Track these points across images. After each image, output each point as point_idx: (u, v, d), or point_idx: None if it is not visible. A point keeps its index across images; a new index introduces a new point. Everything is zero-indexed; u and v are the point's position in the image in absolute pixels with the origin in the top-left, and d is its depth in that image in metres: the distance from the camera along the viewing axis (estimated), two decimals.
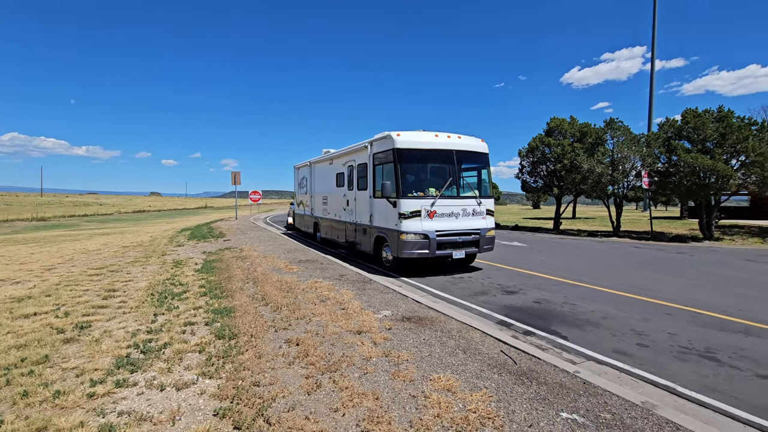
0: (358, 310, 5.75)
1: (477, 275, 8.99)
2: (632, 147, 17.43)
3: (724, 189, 16.66)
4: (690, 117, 16.73)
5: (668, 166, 17.16)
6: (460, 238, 8.56)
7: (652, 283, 8.35)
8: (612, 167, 17.93)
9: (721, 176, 15.44)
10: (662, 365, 4.19)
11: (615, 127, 18.45)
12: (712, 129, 15.97)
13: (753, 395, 3.57)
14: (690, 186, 16.25)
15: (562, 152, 19.71)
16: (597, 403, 3.24)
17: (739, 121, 15.92)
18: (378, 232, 9.24)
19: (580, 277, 8.85)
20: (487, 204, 9.08)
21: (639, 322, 5.63)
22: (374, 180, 9.36)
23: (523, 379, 3.68)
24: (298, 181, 17.32)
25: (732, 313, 6.07)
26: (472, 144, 9.14)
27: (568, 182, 19.71)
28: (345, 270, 9.04)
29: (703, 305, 6.52)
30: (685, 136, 16.95)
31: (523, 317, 5.87)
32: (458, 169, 8.83)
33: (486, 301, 6.81)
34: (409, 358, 4.10)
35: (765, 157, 15.03)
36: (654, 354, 4.50)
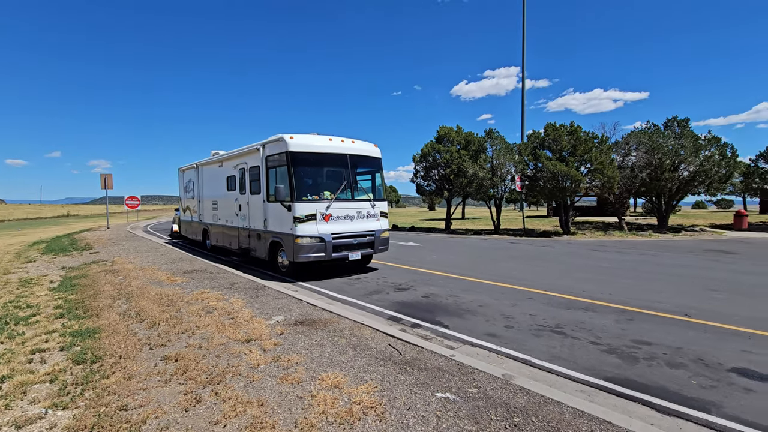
0: (249, 318, 5.54)
1: (373, 275, 9.30)
2: (507, 155, 19.78)
3: (577, 191, 19.87)
4: (550, 130, 19.62)
5: (535, 172, 19.84)
6: (355, 240, 8.78)
7: (521, 273, 9.58)
8: (492, 172, 20.09)
9: (574, 180, 18.39)
10: (522, 342, 4.87)
11: (493, 137, 20.74)
12: (566, 141, 18.94)
13: (586, 359, 4.36)
14: (552, 189, 19.01)
15: (450, 158, 21.44)
16: (467, 381, 3.64)
17: (585, 135, 19.17)
18: (273, 237, 8.99)
19: (464, 271, 9.75)
20: (381, 206, 9.46)
21: (508, 308, 6.43)
22: (268, 183, 9.09)
23: (406, 368, 3.95)
24: (184, 185, 15.91)
25: (577, 294, 7.29)
26: (365, 149, 9.45)
27: (457, 186, 21.52)
28: (237, 278, 8.59)
29: (557, 289, 7.71)
30: (547, 146, 19.80)
31: (412, 311, 6.26)
32: (352, 172, 9.05)
33: (380, 299, 7.10)
34: (299, 361, 4.10)
35: (604, 165, 18.35)
36: (517, 333, 5.20)
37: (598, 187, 19.90)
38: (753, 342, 4.80)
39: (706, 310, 6.20)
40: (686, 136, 20.80)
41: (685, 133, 21.08)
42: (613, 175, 18.59)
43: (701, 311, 6.12)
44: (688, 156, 20.16)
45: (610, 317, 5.85)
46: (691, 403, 3.39)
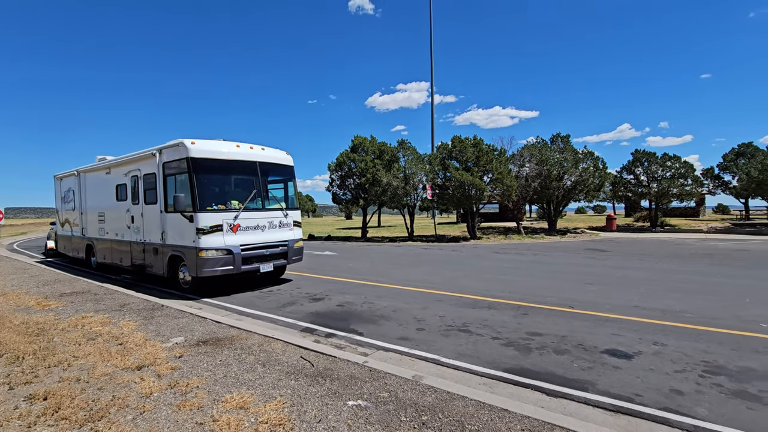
0: (141, 343, 4.95)
1: (286, 287, 8.99)
2: (419, 165, 20.71)
3: (481, 199, 21.52)
4: (456, 142, 21.03)
5: (445, 181, 21.06)
6: (267, 251, 8.41)
7: (432, 276, 10.03)
8: (405, 181, 20.86)
9: (479, 189, 19.89)
10: (432, 343, 5.07)
11: (406, 147, 21.59)
12: (471, 152, 20.45)
13: (488, 353, 4.69)
14: (460, 197, 20.33)
15: (365, 167, 21.79)
16: (378, 386, 3.67)
17: (487, 147, 20.92)
18: (173, 251, 8.20)
19: (380, 278, 9.91)
20: (294, 216, 9.22)
21: (420, 311, 6.67)
22: (166, 192, 8.30)
23: (318, 379, 3.85)
24: (62, 195, 13.81)
25: (482, 294, 7.85)
26: (276, 156, 9.15)
27: (372, 194, 21.91)
28: (128, 298, 7.66)
29: (464, 290, 8.21)
30: (454, 157, 21.17)
31: (327, 321, 6.16)
32: (263, 181, 8.69)
33: (293, 311, 6.87)
34: (200, 384, 3.76)
35: (504, 174, 20.17)
36: (428, 335, 5.41)
37: (499, 194, 21.81)
38: (620, 326, 5.61)
39: (585, 301, 7.10)
40: (568, 151, 23.85)
41: (567, 147, 24.16)
42: (511, 184, 20.52)
43: (581, 303, 6.99)
44: (570, 168, 23.11)
45: (509, 313, 6.39)
46: (573, 384, 3.83)
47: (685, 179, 25.33)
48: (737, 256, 13.29)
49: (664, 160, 25.64)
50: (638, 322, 5.78)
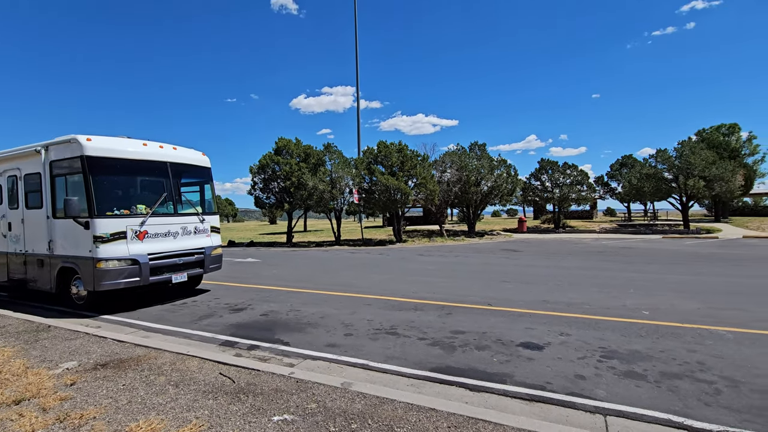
0: (20, 372, 4.21)
1: (203, 297, 8.33)
2: (345, 168, 20.67)
3: (406, 203, 22.11)
4: (382, 147, 21.39)
5: (371, 185, 21.27)
6: (180, 259, 7.72)
7: (360, 281, 10.03)
8: (332, 185, 20.66)
9: (404, 193, 20.41)
10: (361, 348, 5.04)
11: (332, 151, 21.42)
12: (396, 157, 20.93)
13: (415, 354, 4.78)
14: (386, 201, 20.67)
15: (290, 170, 21.17)
16: (305, 397, 3.53)
17: (411, 153, 21.58)
18: (63, 263, 7.15)
19: (306, 284, 9.64)
20: (212, 221, 8.60)
21: (348, 316, 6.60)
22: (54, 195, 7.22)
23: (240, 396, 3.59)
24: None
25: (408, 296, 8.02)
26: (190, 157, 8.46)
27: (297, 198, 21.35)
28: (3, 320, 6.50)
29: (391, 293, 8.33)
30: (380, 161, 21.50)
31: (249, 333, 5.81)
32: (175, 183, 7.98)
33: (211, 323, 6.37)
34: (98, 414, 3.29)
35: (427, 179, 20.95)
36: (356, 340, 5.36)
37: (423, 199, 22.62)
38: (532, 320, 6.10)
39: (502, 298, 7.61)
40: (485, 158, 25.54)
41: (484, 155, 25.87)
42: (434, 189, 21.39)
43: (499, 300, 7.48)
44: (486, 174, 24.77)
45: (434, 314, 6.60)
46: (493, 377, 4.05)
47: (581, 186, 28.59)
48: (623, 252, 15.29)
49: (565, 169, 28.70)
50: (547, 315, 6.34)
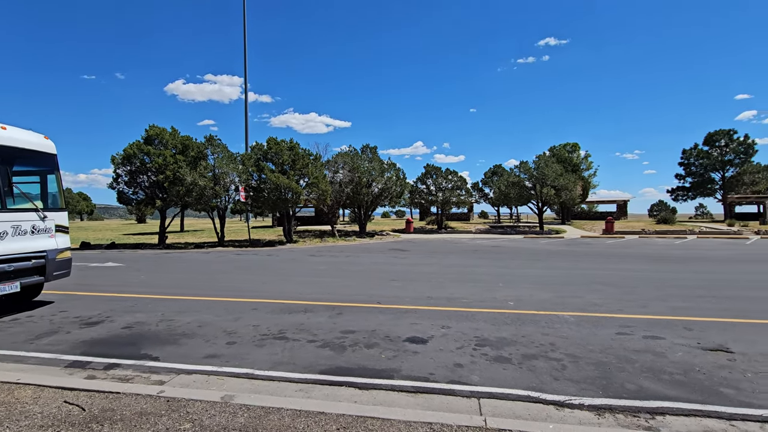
0: None
1: (44, 311, 6.88)
2: (230, 164, 19.26)
3: (297, 202, 21.57)
4: (272, 144, 20.50)
5: (260, 183, 20.22)
6: (10, 265, 6.24)
7: (245, 284, 9.41)
8: (215, 181, 19.04)
9: (295, 192, 19.85)
10: (245, 356, 4.70)
11: (215, 144, 19.75)
12: (287, 155, 20.26)
13: (305, 358, 4.64)
14: (275, 199, 19.85)
15: (164, 163, 18.88)
16: (178, 417, 3.14)
17: (304, 151, 21.14)
18: None
19: (182, 290, 8.67)
20: (58, 218, 7.16)
21: (231, 323, 6.11)
22: None
23: (91, 426, 3.02)
24: None
25: (298, 297, 7.79)
26: (26, 139, 6.92)
27: (173, 194, 19.15)
28: None
29: (281, 295, 8.00)
30: (270, 159, 20.57)
31: (107, 350, 4.97)
32: (4, 171, 6.42)
33: (54, 342, 5.28)
34: None
35: (319, 179, 20.73)
36: (240, 348, 4.99)
37: (315, 199, 22.35)
38: (418, 316, 6.45)
39: (390, 296, 7.90)
40: (376, 161, 26.35)
41: (375, 158, 26.68)
42: (326, 189, 21.28)
43: (387, 298, 7.75)
44: (377, 176, 25.58)
45: (324, 315, 6.52)
46: (382, 374, 4.15)
47: (461, 190, 31.46)
48: (493, 251, 17.26)
49: (447, 174, 31.25)
50: (431, 310, 6.77)
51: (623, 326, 5.73)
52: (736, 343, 4.96)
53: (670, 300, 7.41)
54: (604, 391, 3.71)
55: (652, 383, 3.85)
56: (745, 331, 5.45)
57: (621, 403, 3.47)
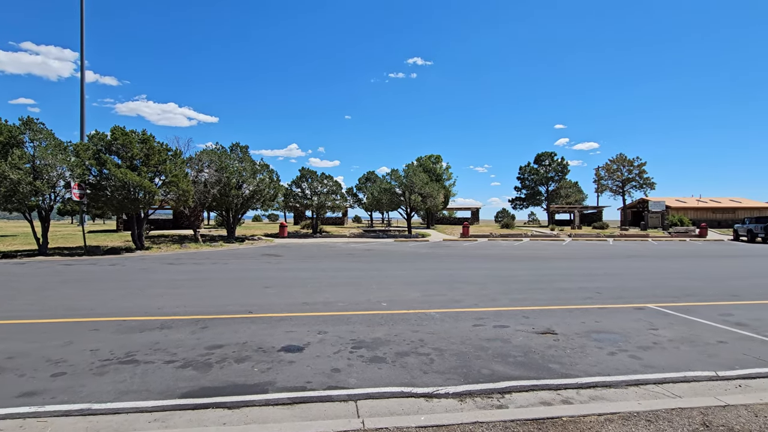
0: None
1: None
2: (59, 155, 15.82)
3: (151, 203, 18.86)
4: (119, 134, 17.56)
5: (100, 179, 17.07)
6: None
7: (81, 301, 7.81)
8: (34, 175, 15.36)
9: (148, 192, 17.33)
10: (79, 389, 3.86)
11: (35, 129, 15.96)
12: (138, 149, 17.59)
13: (161, 382, 4.04)
14: (122, 200, 17.02)
15: None
16: None
17: (160, 145, 18.64)
18: None
19: None
20: None
21: (58, 349, 4.97)
22: None
23: None
24: None
25: (152, 313, 6.78)
26: None
27: None
28: None
29: (129, 311, 6.85)
30: (115, 151, 17.57)
31: None
32: None
33: None
34: None
35: (179, 178, 18.52)
36: (72, 379, 4.08)
37: (174, 199, 19.89)
38: (293, 323, 6.24)
39: (263, 304, 7.48)
40: (247, 161, 24.84)
41: (246, 158, 25.14)
42: (188, 189, 19.14)
43: (260, 306, 7.32)
44: (248, 177, 24.12)
45: (186, 330, 5.81)
46: (254, 389, 3.88)
47: (336, 195, 31.81)
48: (367, 254, 17.88)
49: (322, 179, 31.27)
50: (307, 316, 6.63)
51: (478, 318, 6.51)
52: (558, 326, 6.10)
53: (511, 293, 8.72)
54: (465, 378, 4.14)
55: (501, 366, 4.45)
56: (563, 316, 6.74)
57: (478, 387, 3.92)
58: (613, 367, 4.43)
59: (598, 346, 5.17)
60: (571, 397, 3.74)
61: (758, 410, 3.34)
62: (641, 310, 7.13)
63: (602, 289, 9.21)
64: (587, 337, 5.51)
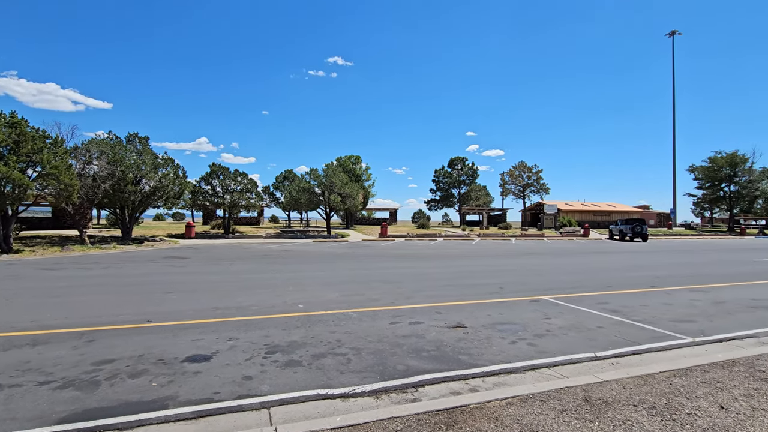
0: None
1: None
2: None
3: (22, 198, 16.07)
4: None
5: None
6: None
7: None
8: None
9: (18, 185, 14.74)
10: None
11: None
12: (5, 134, 14.88)
13: (32, 408, 3.44)
14: None
15: None
16: None
17: (35, 131, 15.99)
18: None
19: None
20: None
21: None
22: None
23: None
24: None
25: (23, 327, 5.77)
26: None
27: None
28: None
29: None
30: None
31: None
32: None
33: None
34: None
35: (60, 170, 16.06)
36: None
37: (53, 195, 17.20)
38: (201, 330, 5.77)
39: (165, 312, 6.80)
40: (147, 154, 22.46)
41: (146, 150, 22.72)
42: (71, 183, 16.70)
43: (162, 314, 6.64)
44: (149, 172, 21.81)
45: (67, 345, 5.04)
46: (152, 405, 3.49)
47: (251, 193, 30.28)
48: (284, 255, 17.30)
49: (236, 176, 29.55)
50: (217, 322, 6.18)
51: (395, 316, 6.67)
52: (467, 319, 6.51)
53: (426, 291, 9.10)
54: (381, 375, 4.20)
55: (416, 361, 4.61)
56: (472, 310, 7.22)
57: (393, 383, 4.00)
58: (513, 355, 4.86)
59: (502, 336, 5.62)
60: (478, 385, 4.01)
61: (625, 383, 3.92)
62: (537, 302, 7.94)
63: (505, 284, 10.06)
64: (492, 329, 5.97)
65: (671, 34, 57.02)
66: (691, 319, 6.70)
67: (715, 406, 3.43)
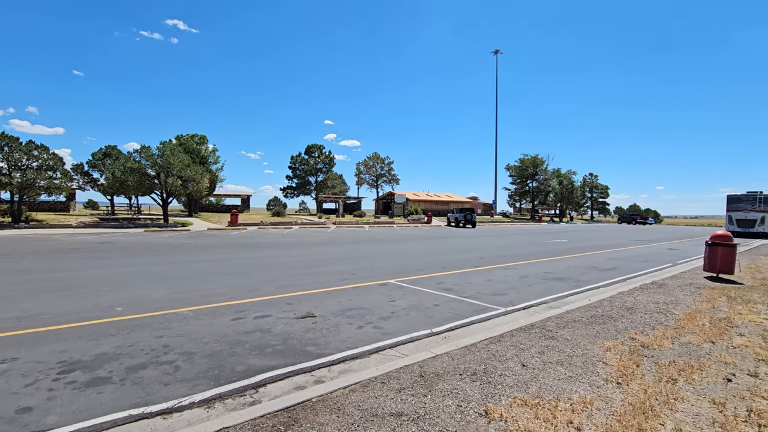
0: None
1: None
2: None
3: None
4: None
5: None
6: None
7: None
8: None
9: None
10: None
11: None
12: None
13: None
14: None
15: None
16: None
17: None
18: None
19: None
20: None
21: None
22: None
23: None
24: None
25: None
26: None
27: None
28: None
29: None
30: None
31: None
32: None
33: None
34: None
35: None
36: None
37: None
38: None
39: None
40: None
41: None
42: None
43: None
44: None
45: None
46: None
47: (54, 172, 24.24)
48: (103, 248, 14.34)
49: (30, 149, 23.24)
50: None
51: (239, 311, 6.11)
52: (318, 308, 6.40)
53: (277, 281, 8.67)
54: (216, 380, 3.73)
55: (258, 359, 4.25)
56: (323, 298, 7.14)
57: (230, 387, 3.59)
58: (360, 340, 4.93)
59: (349, 322, 5.68)
60: (324, 375, 3.91)
61: (454, 355, 4.36)
62: (385, 286, 8.35)
63: (357, 270, 10.34)
64: (341, 316, 5.98)
65: (495, 52, 67.73)
66: (504, 292, 7.98)
67: (519, 365, 4.07)
